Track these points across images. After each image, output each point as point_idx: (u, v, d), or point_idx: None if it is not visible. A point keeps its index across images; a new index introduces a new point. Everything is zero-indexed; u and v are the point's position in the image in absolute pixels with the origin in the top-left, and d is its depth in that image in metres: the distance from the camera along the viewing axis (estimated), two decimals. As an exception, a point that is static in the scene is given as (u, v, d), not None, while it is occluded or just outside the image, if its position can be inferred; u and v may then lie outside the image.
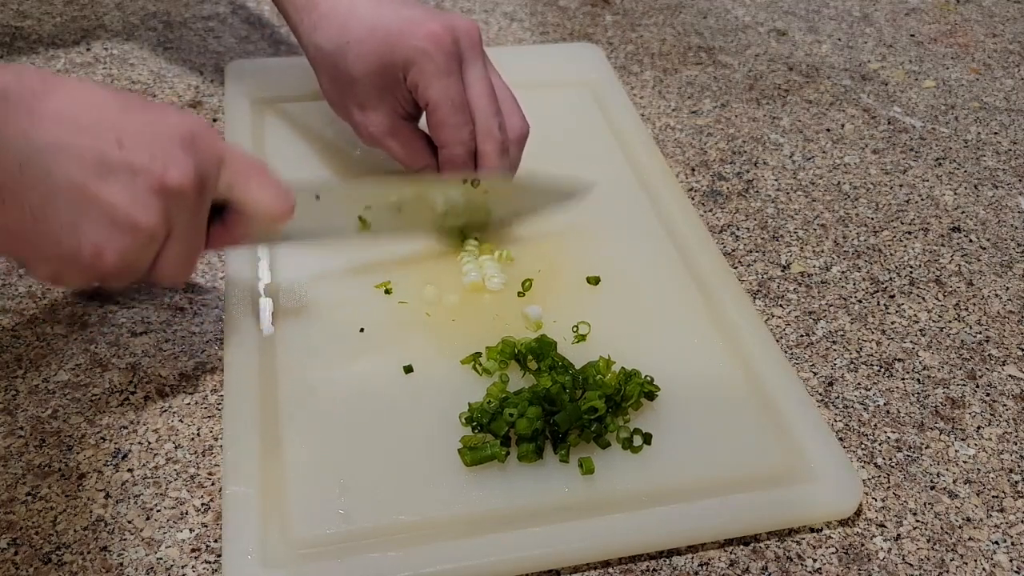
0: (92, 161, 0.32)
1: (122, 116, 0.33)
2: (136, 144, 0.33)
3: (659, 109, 0.63)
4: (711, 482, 0.38)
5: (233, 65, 0.60)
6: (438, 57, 0.43)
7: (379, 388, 0.41)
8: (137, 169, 0.33)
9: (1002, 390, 0.45)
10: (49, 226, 0.32)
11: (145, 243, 0.34)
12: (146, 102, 0.35)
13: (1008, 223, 0.56)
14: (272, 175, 0.38)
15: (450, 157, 0.46)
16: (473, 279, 0.46)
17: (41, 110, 0.32)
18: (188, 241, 0.36)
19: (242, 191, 0.37)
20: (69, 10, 0.67)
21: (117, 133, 0.33)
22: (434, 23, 0.43)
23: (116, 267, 0.34)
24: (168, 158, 0.34)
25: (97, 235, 0.33)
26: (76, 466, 0.38)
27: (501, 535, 0.36)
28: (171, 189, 0.34)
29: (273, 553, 0.35)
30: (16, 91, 0.31)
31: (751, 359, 0.44)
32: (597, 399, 0.39)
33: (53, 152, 0.31)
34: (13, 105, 0.31)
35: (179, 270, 0.37)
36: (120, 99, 0.34)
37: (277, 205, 0.38)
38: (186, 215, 0.35)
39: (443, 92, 0.43)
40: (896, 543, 0.38)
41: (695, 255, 0.49)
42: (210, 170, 0.36)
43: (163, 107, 0.36)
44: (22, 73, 0.32)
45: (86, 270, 0.34)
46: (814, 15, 0.76)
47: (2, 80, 0.31)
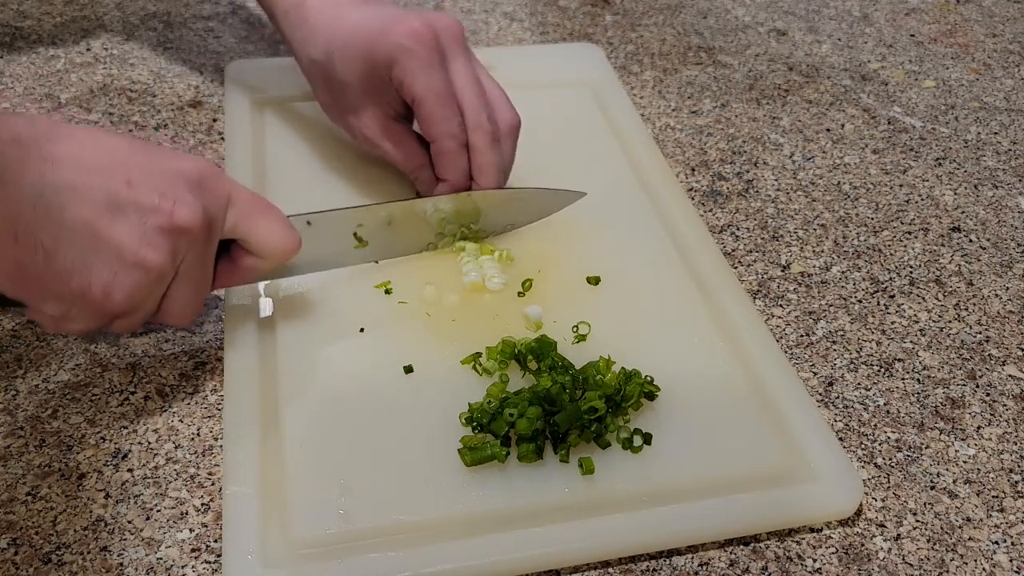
0: (102, 200, 0.33)
1: (131, 158, 0.35)
2: (145, 184, 0.34)
3: (659, 109, 0.63)
4: (711, 482, 0.38)
5: (233, 65, 0.60)
6: (420, 52, 0.43)
7: (379, 388, 0.41)
8: (146, 208, 0.34)
9: (1002, 390, 0.45)
10: (60, 264, 0.33)
11: (153, 282, 0.35)
12: (154, 146, 0.37)
13: (1008, 223, 0.56)
14: (277, 213, 0.39)
15: (441, 150, 0.45)
16: (473, 279, 0.46)
17: (54, 153, 0.33)
18: (196, 280, 0.37)
19: (249, 230, 0.38)
20: (69, 10, 0.67)
21: (127, 174, 0.34)
22: (414, 21, 0.44)
23: (124, 306, 0.35)
24: (176, 198, 0.35)
25: (106, 274, 0.34)
26: (76, 466, 0.38)
27: (501, 535, 0.36)
28: (179, 228, 0.35)
29: (273, 553, 0.35)
30: (29, 135, 0.33)
31: (751, 359, 0.44)
32: (597, 399, 0.39)
33: (65, 192, 0.32)
34: (27, 148, 0.32)
35: (186, 309, 0.38)
36: (129, 143, 0.35)
37: (283, 243, 0.39)
38: (194, 254, 0.36)
39: (427, 85, 0.44)
40: (896, 543, 0.38)
41: (695, 255, 0.49)
42: (217, 210, 0.37)
43: (171, 151, 0.37)
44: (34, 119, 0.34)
45: (95, 309, 0.35)
46: (814, 15, 0.76)
47: (15, 125, 0.33)
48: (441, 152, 0.46)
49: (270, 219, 0.39)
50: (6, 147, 0.32)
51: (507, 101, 0.47)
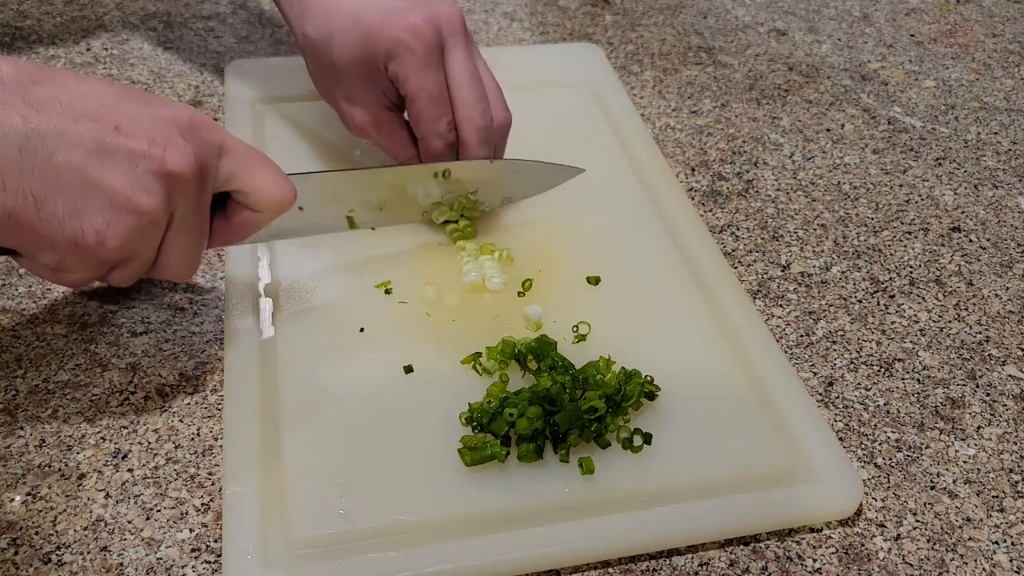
0: (91, 146, 0.32)
1: (120, 103, 0.34)
2: (134, 129, 0.33)
3: (659, 109, 0.63)
4: (711, 482, 0.38)
5: (233, 65, 0.60)
6: (418, 49, 0.43)
7: (379, 388, 0.41)
8: (136, 153, 0.33)
9: (1002, 390, 0.45)
10: (51, 211, 0.32)
11: (147, 227, 0.34)
12: (142, 92, 0.36)
13: (1008, 223, 0.56)
14: (272, 164, 0.38)
15: (429, 150, 0.46)
16: (473, 279, 0.46)
17: (38, 97, 0.32)
18: (191, 230, 0.36)
19: (243, 180, 0.37)
20: (69, 10, 0.67)
21: (115, 119, 0.33)
22: (415, 14, 0.43)
23: (119, 252, 0.34)
24: (167, 142, 0.34)
25: (99, 219, 0.33)
26: (76, 466, 0.38)
27: (501, 535, 0.36)
28: (171, 173, 0.34)
29: (273, 553, 0.35)
30: (12, 78, 0.32)
31: (751, 359, 0.44)
32: (597, 399, 0.39)
33: (52, 137, 0.32)
34: (10, 91, 0.31)
35: (184, 262, 0.37)
36: (117, 89, 0.34)
37: (279, 193, 0.38)
38: (187, 201, 0.35)
39: (421, 85, 0.44)
40: (896, 543, 0.38)
41: (695, 255, 0.49)
42: (210, 157, 0.36)
43: (160, 98, 0.36)
44: (18, 63, 0.32)
45: (89, 257, 0.34)
46: (814, 15, 0.76)
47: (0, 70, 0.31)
48: (429, 150, 0.46)
49: (264, 169, 0.38)
50: None
51: (502, 99, 0.47)
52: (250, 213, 0.39)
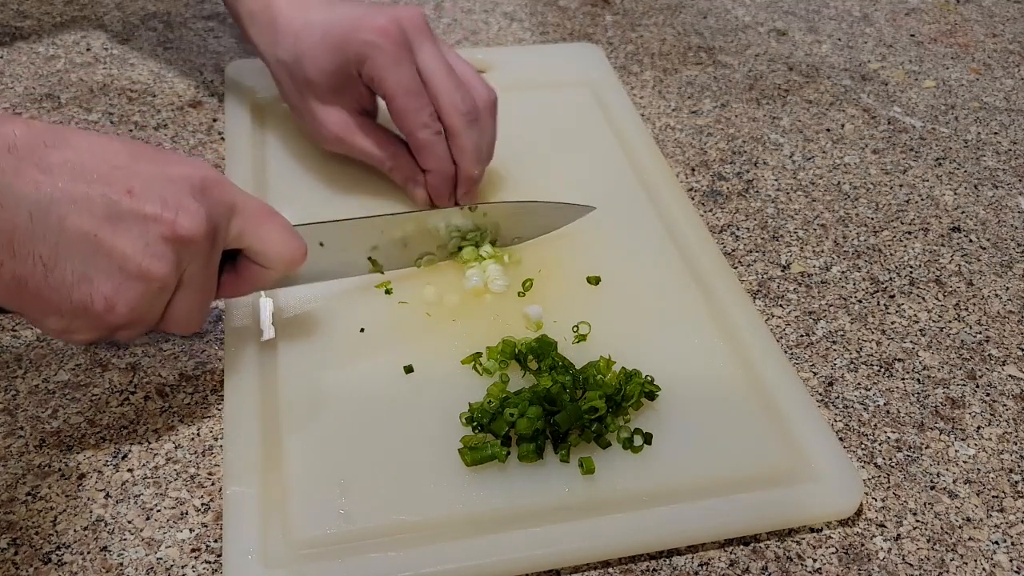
0: (103, 210, 0.32)
1: (132, 165, 0.33)
2: (147, 192, 0.33)
3: (659, 109, 0.63)
4: (712, 482, 0.38)
5: (233, 65, 0.60)
6: (388, 48, 0.44)
7: (379, 388, 0.41)
8: (148, 217, 0.33)
9: (1002, 390, 0.45)
10: (60, 277, 0.32)
11: (156, 292, 0.34)
12: (156, 150, 0.35)
13: (1008, 223, 0.56)
14: (283, 222, 0.38)
15: (418, 143, 0.46)
16: (475, 284, 0.46)
17: (51, 161, 0.32)
18: (200, 290, 0.36)
19: (253, 239, 0.37)
20: (69, 10, 0.67)
21: (127, 182, 0.33)
22: (380, 17, 0.44)
23: (128, 318, 0.34)
24: (179, 206, 0.34)
25: (108, 285, 0.33)
26: (76, 466, 0.38)
27: (502, 535, 0.36)
28: (182, 237, 0.34)
29: (274, 553, 0.35)
30: (25, 142, 0.31)
31: (752, 359, 0.44)
32: (597, 399, 0.39)
33: (64, 202, 0.31)
34: (23, 156, 0.31)
35: (190, 318, 0.37)
36: (130, 148, 0.34)
37: (289, 252, 0.38)
38: (197, 263, 0.35)
39: (397, 80, 0.45)
40: (896, 543, 0.38)
41: (696, 255, 0.49)
42: (221, 217, 0.36)
43: (174, 155, 0.36)
44: (31, 124, 0.32)
45: (97, 322, 0.34)
46: (814, 15, 0.76)
47: (11, 131, 0.31)
48: (419, 144, 0.46)
49: (275, 228, 0.38)
50: (0, 157, 0.31)
51: (479, 78, 0.48)
52: (259, 269, 0.38)
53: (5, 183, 0.31)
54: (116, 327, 0.35)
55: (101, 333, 0.35)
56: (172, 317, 0.36)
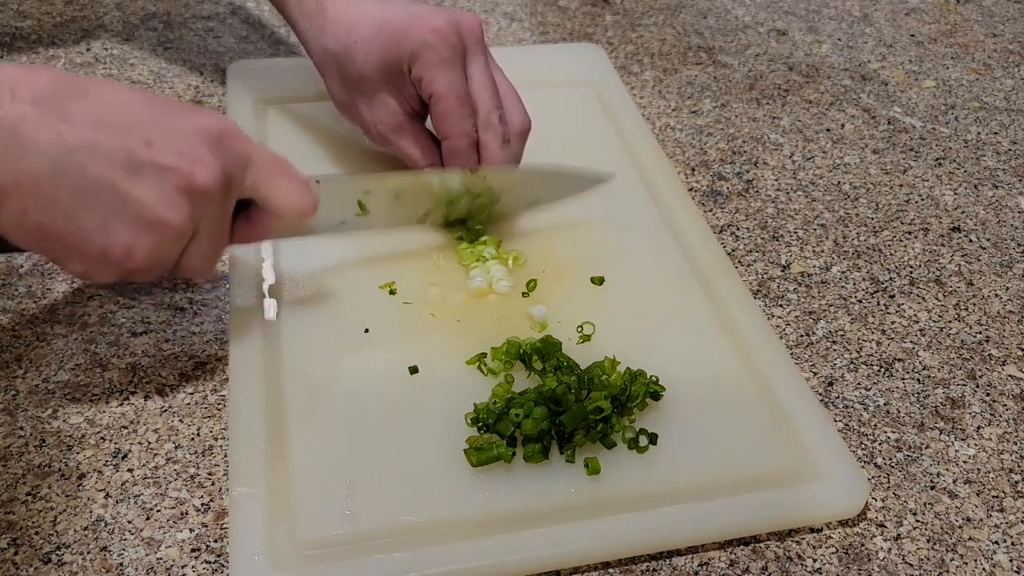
0: (121, 160, 0.33)
1: (150, 116, 0.34)
2: (164, 144, 0.34)
3: (659, 109, 0.63)
4: (717, 482, 0.38)
5: (235, 65, 0.60)
6: (442, 50, 0.44)
7: (384, 389, 0.41)
8: (165, 168, 0.34)
9: (1002, 390, 0.45)
10: (81, 225, 0.33)
11: (173, 240, 0.35)
12: (174, 102, 0.36)
13: (1008, 223, 0.56)
14: (296, 174, 0.39)
15: (453, 148, 0.46)
16: (479, 284, 0.46)
17: (72, 111, 0.32)
18: (214, 238, 0.37)
19: (267, 190, 0.38)
20: (69, 10, 0.67)
21: (146, 133, 0.34)
22: (438, 18, 0.44)
23: (145, 263, 0.35)
24: (195, 157, 0.34)
25: (127, 233, 0.34)
26: (76, 466, 0.38)
27: (507, 535, 0.36)
28: (198, 188, 0.35)
29: (280, 554, 0.35)
30: (49, 94, 0.32)
31: (756, 359, 0.44)
32: (602, 399, 0.39)
33: (84, 152, 0.32)
34: (46, 108, 0.32)
35: (203, 265, 0.38)
36: (148, 100, 0.35)
37: (300, 203, 0.39)
38: (212, 213, 0.36)
39: (447, 83, 0.44)
40: (896, 543, 0.38)
41: (699, 254, 0.49)
42: (236, 169, 0.37)
43: (191, 107, 0.36)
44: (55, 75, 0.33)
45: (116, 267, 0.35)
46: (814, 15, 0.76)
47: (38, 83, 0.32)
48: (453, 149, 0.46)
49: (288, 179, 0.39)
50: (25, 107, 0.31)
51: (520, 103, 0.48)
52: (271, 218, 0.39)
53: (30, 133, 0.31)
54: (133, 271, 0.36)
55: (119, 276, 0.36)
56: (187, 263, 0.37)
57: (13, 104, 0.31)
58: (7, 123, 0.31)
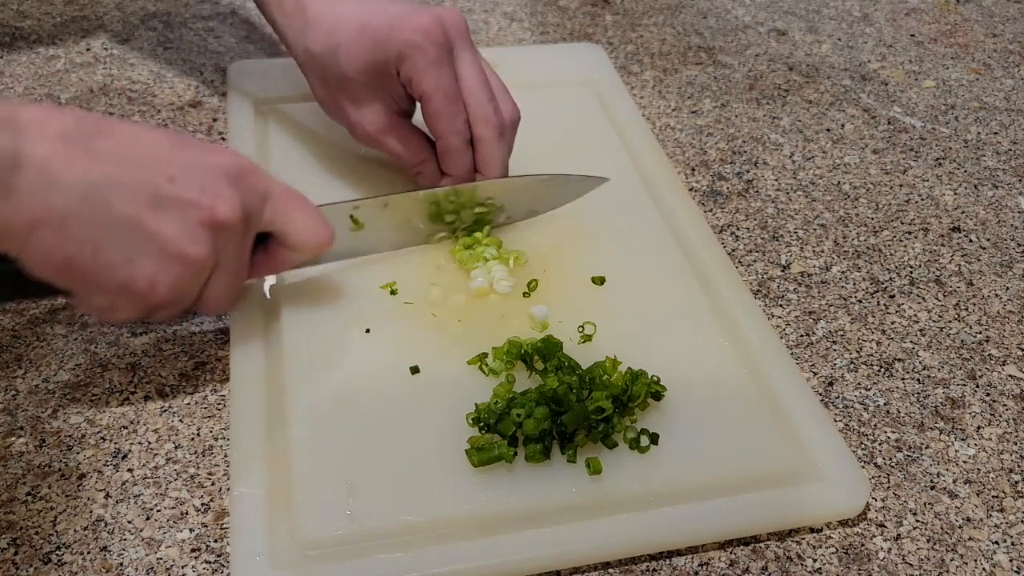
0: (146, 196, 0.34)
1: (173, 153, 0.35)
2: (186, 180, 0.35)
3: (659, 109, 0.63)
4: (719, 482, 0.38)
5: (235, 66, 0.60)
6: (429, 49, 0.44)
7: (385, 389, 0.41)
8: (187, 203, 0.35)
9: (1002, 390, 0.45)
10: (107, 258, 0.34)
11: (195, 274, 0.36)
12: (194, 141, 0.37)
13: (1008, 223, 0.56)
14: (312, 208, 0.40)
15: (447, 147, 0.46)
16: (480, 284, 0.46)
17: (99, 149, 0.34)
18: (234, 271, 0.39)
19: (285, 223, 0.39)
20: (69, 10, 0.67)
21: (168, 170, 0.35)
22: (422, 17, 0.44)
23: (168, 298, 0.36)
24: (216, 193, 0.36)
25: (151, 266, 0.35)
26: (76, 466, 0.38)
27: (509, 535, 0.36)
28: (219, 223, 0.36)
29: (281, 554, 0.35)
30: (76, 132, 0.33)
31: (757, 359, 0.44)
32: (604, 399, 0.39)
33: (111, 188, 0.33)
34: (74, 145, 0.33)
35: (224, 299, 0.39)
36: (171, 138, 0.36)
37: (317, 237, 0.40)
38: (232, 247, 0.37)
39: (436, 83, 0.44)
40: (896, 543, 0.38)
41: (700, 254, 0.49)
42: (255, 204, 0.38)
43: (210, 145, 0.38)
44: (80, 115, 0.34)
45: (138, 301, 0.36)
46: (814, 15, 0.76)
47: (64, 122, 0.33)
48: (448, 149, 0.46)
49: (305, 214, 0.40)
50: (54, 144, 0.32)
51: (508, 95, 0.48)
52: (288, 252, 0.41)
53: (59, 170, 0.32)
54: (156, 306, 0.36)
55: (141, 312, 0.37)
56: (208, 297, 0.38)
57: (41, 142, 0.32)
58: (37, 160, 0.32)
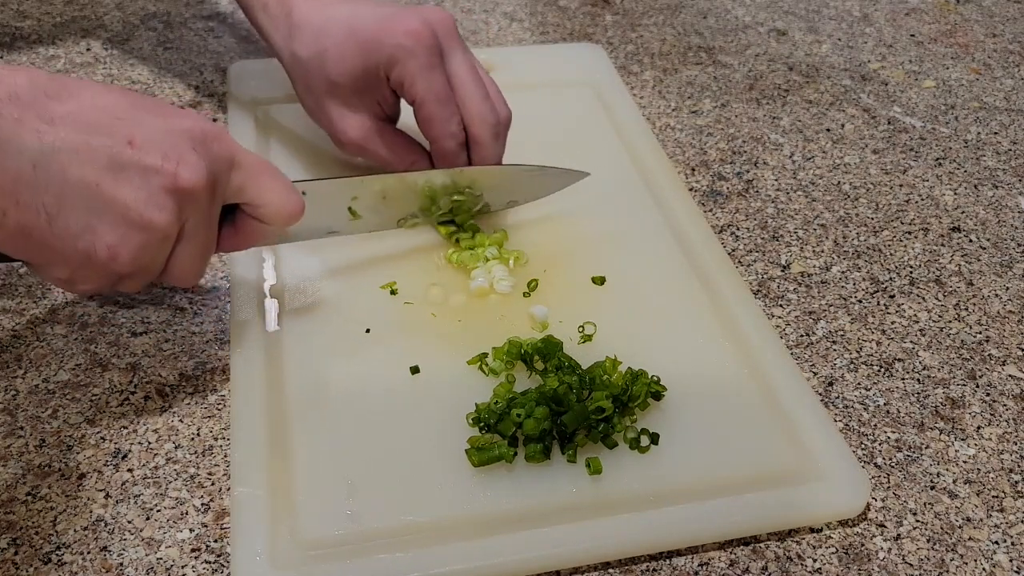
0: (105, 161, 0.32)
1: (134, 116, 0.33)
2: (148, 144, 0.33)
3: (659, 109, 0.63)
4: (719, 482, 0.38)
5: (236, 66, 0.60)
6: (420, 53, 0.43)
7: (386, 389, 0.41)
8: (149, 168, 0.33)
9: (1002, 390, 0.45)
10: (64, 227, 0.32)
11: (159, 242, 0.34)
12: (157, 102, 0.35)
13: (1008, 223, 0.56)
14: (282, 177, 0.38)
15: (442, 150, 0.46)
16: (480, 284, 0.46)
17: (53, 111, 0.32)
18: (200, 241, 0.37)
19: (253, 193, 0.37)
20: (69, 10, 0.67)
21: (129, 133, 0.33)
22: (412, 20, 0.43)
23: (130, 267, 0.34)
24: (180, 158, 0.34)
25: (111, 235, 0.33)
26: (76, 466, 0.38)
27: (509, 535, 0.36)
28: (183, 188, 0.34)
29: (282, 554, 0.35)
30: (28, 93, 0.31)
31: (757, 358, 0.44)
32: (604, 399, 0.39)
33: (66, 152, 0.32)
34: (26, 106, 0.31)
35: (191, 270, 0.37)
36: (131, 100, 0.34)
37: (287, 207, 0.38)
38: (198, 215, 0.35)
39: (428, 87, 0.44)
40: (896, 543, 0.38)
41: (700, 254, 0.49)
42: (221, 171, 0.36)
43: (174, 108, 0.36)
44: (34, 75, 0.32)
45: (101, 271, 0.34)
46: (814, 15, 0.76)
47: (14, 82, 0.31)
48: (443, 152, 0.46)
49: (274, 182, 0.38)
50: (3, 106, 0.30)
51: (500, 95, 0.47)
52: (258, 224, 0.39)
53: (8, 133, 0.31)
54: (119, 276, 0.35)
55: (104, 282, 0.35)
56: (174, 269, 0.36)
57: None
58: None
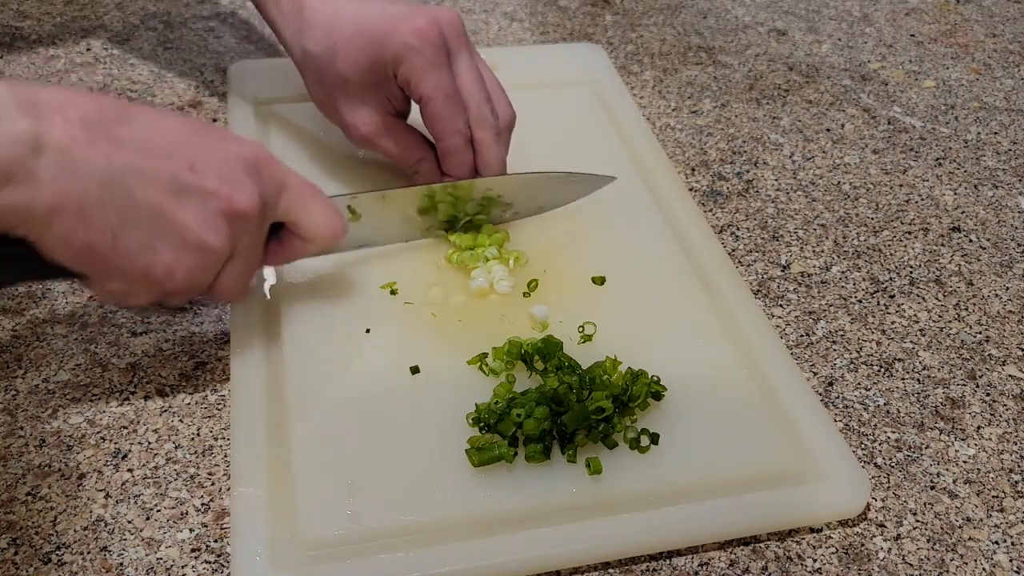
0: (167, 183, 0.34)
1: (192, 141, 0.36)
2: (206, 169, 0.35)
3: (659, 109, 0.63)
4: (719, 482, 0.38)
5: (236, 66, 0.60)
6: (427, 51, 0.44)
7: (386, 389, 0.41)
8: (208, 192, 0.35)
9: (1002, 390, 0.45)
10: (127, 245, 0.34)
11: (212, 263, 0.37)
12: (212, 128, 0.38)
13: (1008, 223, 0.56)
14: (327, 200, 0.41)
15: (448, 148, 0.46)
16: (480, 284, 0.46)
17: (120, 135, 0.34)
18: (248, 260, 0.39)
19: (300, 214, 0.40)
20: (69, 10, 0.67)
21: (190, 157, 0.35)
22: (420, 18, 0.44)
23: (182, 284, 0.36)
24: (235, 183, 0.36)
25: (170, 254, 0.35)
26: (76, 466, 0.38)
27: (509, 535, 0.36)
28: (237, 212, 0.36)
29: (282, 554, 0.35)
30: (97, 118, 0.33)
31: (757, 359, 0.44)
32: (604, 399, 0.39)
33: (132, 174, 0.34)
34: (95, 130, 0.33)
35: (236, 287, 0.39)
36: (189, 125, 0.36)
37: (331, 228, 0.40)
38: (249, 237, 0.38)
39: (435, 85, 0.44)
40: (896, 543, 0.38)
41: (700, 254, 0.49)
42: (271, 195, 0.38)
43: (228, 134, 0.38)
44: (100, 99, 0.34)
45: (154, 287, 0.36)
46: (814, 15, 0.76)
47: (84, 107, 0.33)
48: (449, 150, 0.46)
49: (319, 205, 0.40)
50: (75, 129, 0.32)
51: (505, 96, 0.48)
52: (301, 242, 0.41)
53: (81, 155, 0.32)
54: (170, 293, 0.37)
55: (155, 298, 0.37)
56: (221, 284, 0.38)
57: (64, 126, 0.32)
58: (59, 144, 0.32)
